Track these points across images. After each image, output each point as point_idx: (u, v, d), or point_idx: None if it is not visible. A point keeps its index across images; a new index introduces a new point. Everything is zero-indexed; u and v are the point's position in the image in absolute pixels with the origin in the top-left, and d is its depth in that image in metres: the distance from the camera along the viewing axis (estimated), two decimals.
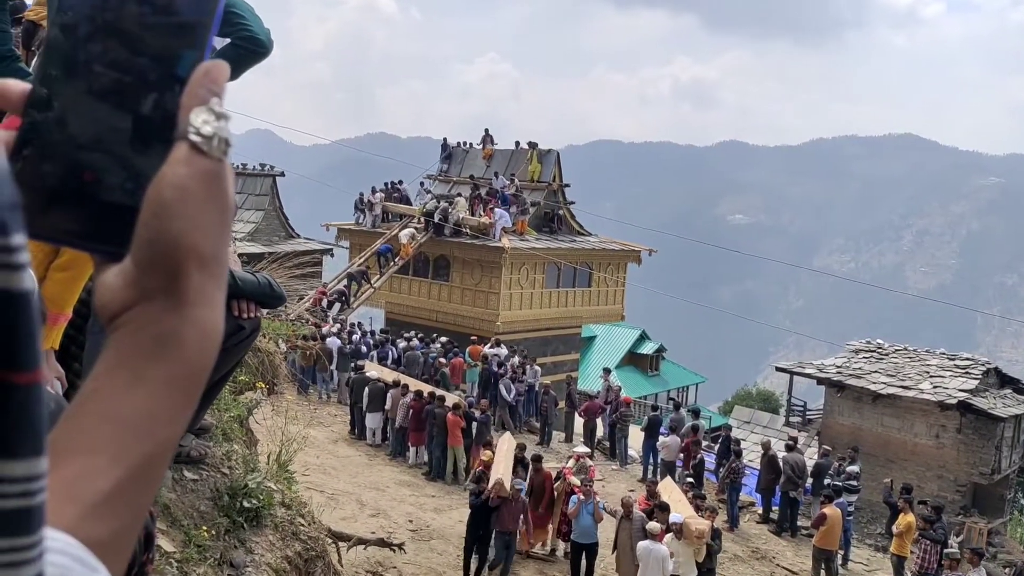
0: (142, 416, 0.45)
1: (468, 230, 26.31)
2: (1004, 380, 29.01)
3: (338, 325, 21.47)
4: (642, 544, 9.78)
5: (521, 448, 12.58)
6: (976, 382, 26.76)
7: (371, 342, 21.33)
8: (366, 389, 16.43)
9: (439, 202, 27.71)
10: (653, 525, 10.02)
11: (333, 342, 19.29)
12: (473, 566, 10.50)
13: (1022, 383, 29.25)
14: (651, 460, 16.84)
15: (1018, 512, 32.89)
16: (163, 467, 0.48)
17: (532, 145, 29.50)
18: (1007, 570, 21.82)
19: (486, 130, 31.42)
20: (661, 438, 16.57)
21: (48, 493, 0.38)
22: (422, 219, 27.35)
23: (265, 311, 3.64)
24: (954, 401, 25.75)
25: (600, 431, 18.74)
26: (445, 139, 32.55)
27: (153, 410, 0.45)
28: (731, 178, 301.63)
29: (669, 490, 12.43)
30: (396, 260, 26.20)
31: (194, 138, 0.46)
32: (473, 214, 26.69)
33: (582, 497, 10.82)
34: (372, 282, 25.48)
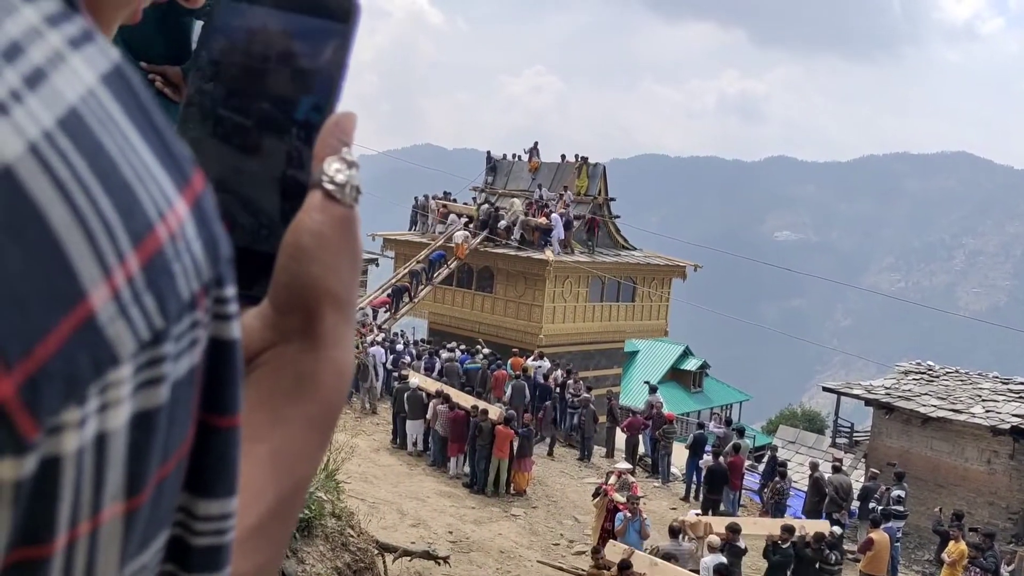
0: (284, 454, 0.46)
1: (522, 233, 26.38)
2: None
3: (382, 334, 21.67)
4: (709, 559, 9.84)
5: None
6: None
7: (414, 352, 21.47)
8: (406, 397, 16.56)
9: (492, 206, 27.89)
10: (714, 538, 10.02)
11: (377, 351, 19.45)
12: None
13: None
14: (694, 478, 16.65)
15: None
16: (301, 503, 0.49)
17: (583, 159, 29.43)
18: None
19: (535, 143, 31.44)
20: (705, 456, 16.37)
21: None
22: (477, 218, 27.61)
23: None
24: (1007, 426, 25.07)
25: (642, 447, 18.59)
26: (489, 152, 32.69)
27: (294, 448, 0.46)
28: (778, 194, 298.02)
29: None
30: (450, 264, 26.41)
31: (328, 186, 0.47)
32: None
33: (629, 515, 10.83)
34: (413, 295, 25.76)
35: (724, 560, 9.87)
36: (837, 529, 11.75)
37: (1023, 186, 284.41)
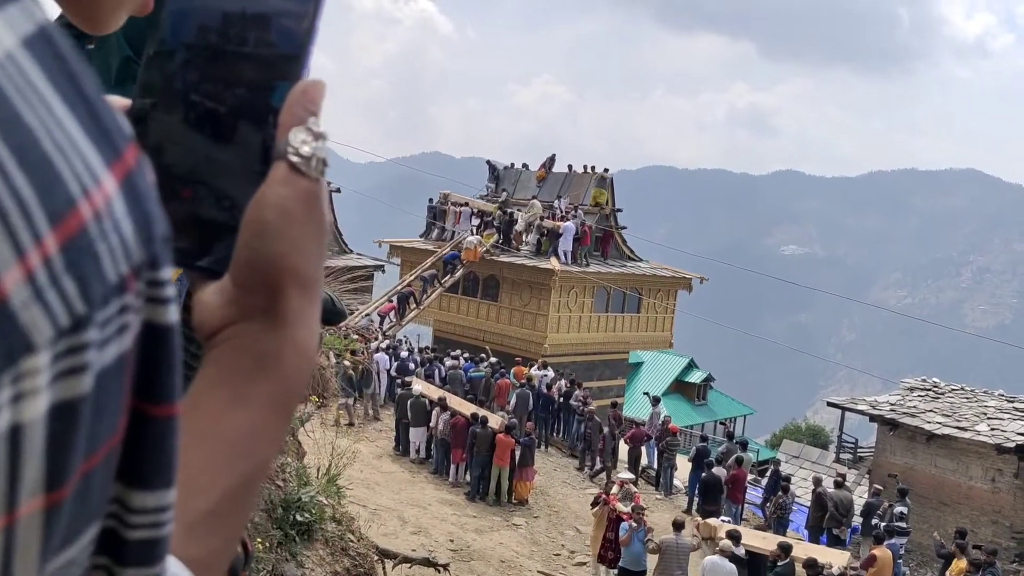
0: (243, 435, 0.45)
1: (538, 238, 26.49)
2: None
3: (387, 341, 21.68)
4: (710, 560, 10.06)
5: None
6: None
7: (418, 359, 21.48)
8: (409, 404, 16.56)
9: (507, 213, 27.96)
10: (727, 543, 10.06)
11: (381, 358, 19.45)
12: None
13: None
14: (696, 491, 16.59)
15: None
16: (260, 487, 0.48)
17: (604, 171, 29.27)
18: None
19: (552, 155, 31.13)
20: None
21: None
22: (495, 216, 27.75)
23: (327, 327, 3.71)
24: (1012, 444, 24.96)
25: (645, 459, 18.54)
26: (489, 161, 32.71)
27: (254, 429, 0.45)
28: (786, 208, 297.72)
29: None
30: (460, 266, 26.50)
31: (293, 158, 0.45)
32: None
33: (634, 524, 10.90)
34: (420, 301, 25.81)
35: (729, 564, 9.90)
36: (855, 563, 11.63)
37: None
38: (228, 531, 0.45)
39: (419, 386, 17.30)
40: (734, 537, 10.76)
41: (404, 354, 21.10)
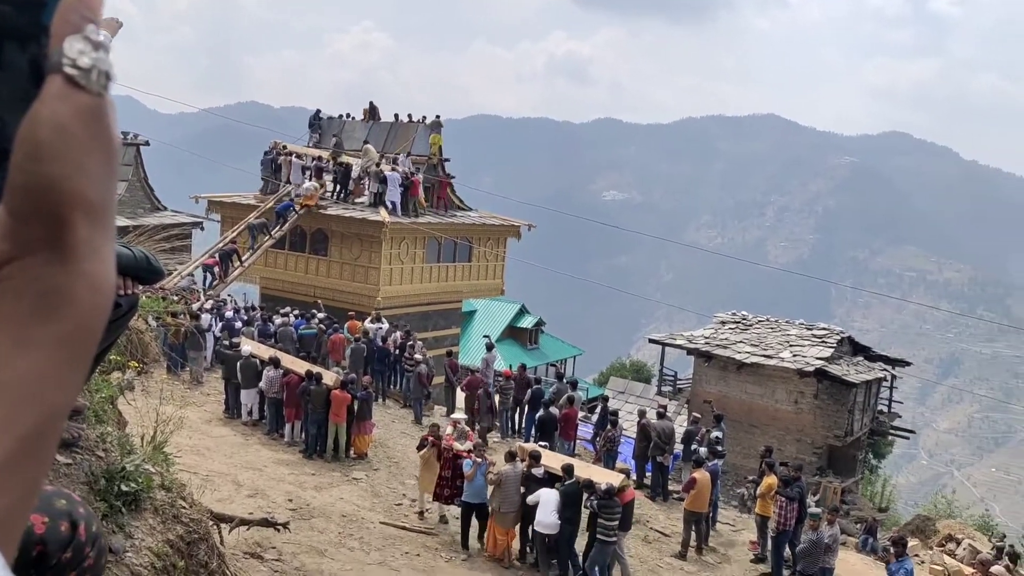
0: (30, 381, 0.41)
1: (372, 182, 26.03)
2: (856, 348, 31.09)
3: (210, 301, 20.71)
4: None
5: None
6: (831, 350, 28.52)
7: (245, 318, 20.71)
8: (239, 365, 16.00)
9: (341, 164, 27.26)
10: (539, 470, 11.22)
11: (206, 319, 18.61)
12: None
13: (872, 351, 31.44)
14: (533, 432, 17.14)
15: (868, 471, 35.48)
16: (55, 437, 0.44)
17: (436, 118, 28.96)
18: (858, 525, 23.55)
19: (371, 103, 30.76)
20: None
21: None
22: (330, 161, 27.03)
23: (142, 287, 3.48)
24: (811, 369, 27.38)
25: (481, 404, 18.88)
26: (318, 111, 31.71)
27: (42, 374, 0.41)
28: (606, 155, 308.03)
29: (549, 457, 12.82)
30: (297, 211, 25.67)
31: (70, 71, 0.40)
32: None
33: (478, 460, 11.51)
34: (251, 252, 24.86)
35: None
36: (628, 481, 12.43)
37: (825, 146, 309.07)
38: (23, 486, 0.41)
39: (248, 346, 16.70)
40: (535, 458, 11.55)
41: (229, 314, 20.27)
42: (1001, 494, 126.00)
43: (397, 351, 20.06)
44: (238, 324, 19.52)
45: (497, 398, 17.78)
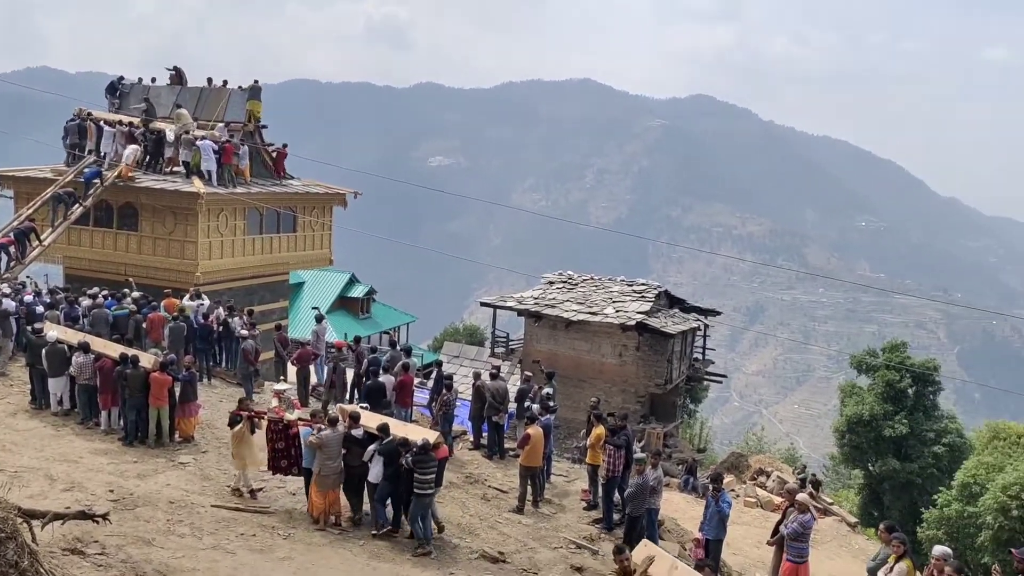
0: None
1: (184, 150, 24.64)
2: (672, 301, 32.99)
3: (6, 284, 19.01)
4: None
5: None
6: (650, 304, 30.10)
7: (48, 301, 19.16)
8: (45, 352, 14.85)
9: (152, 132, 25.42)
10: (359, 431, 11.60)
11: (8, 304, 17.12)
12: None
13: (686, 303, 33.47)
14: (358, 399, 17.00)
15: (687, 416, 37.93)
16: None
17: (255, 82, 27.47)
18: (680, 467, 25.21)
19: (176, 67, 28.89)
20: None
21: None
22: (142, 128, 25.39)
23: None
24: (633, 323, 28.81)
25: (314, 378, 18.55)
26: (121, 77, 29.49)
27: None
28: (430, 120, 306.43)
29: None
30: (104, 180, 24.02)
31: None
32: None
33: (321, 426, 11.52)
34: (66, 217, 23.08)
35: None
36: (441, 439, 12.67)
37: (638, 109, 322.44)
38: None
39: (54, 331, 15.50)
40: (354, 419, 11.70)
41: (29, 298, 18.70)
42: (803, 428, 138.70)
43: (220, 328, 19.26)
44: (40, 308, 18.05)
45: (330, 367, 17.46)
